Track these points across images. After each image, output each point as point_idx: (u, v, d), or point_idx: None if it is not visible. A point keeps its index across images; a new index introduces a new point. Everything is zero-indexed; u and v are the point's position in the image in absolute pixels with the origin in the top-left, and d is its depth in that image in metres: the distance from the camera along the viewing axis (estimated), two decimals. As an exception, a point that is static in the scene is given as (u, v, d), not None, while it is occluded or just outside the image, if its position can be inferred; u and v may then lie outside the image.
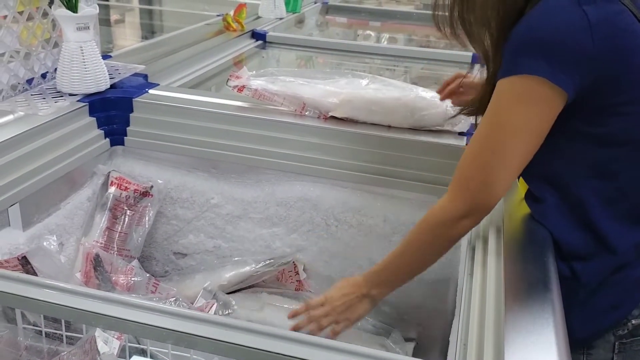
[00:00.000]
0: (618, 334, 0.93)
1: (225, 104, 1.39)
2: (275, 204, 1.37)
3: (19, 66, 1.34)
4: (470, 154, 0.90)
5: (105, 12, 2.92)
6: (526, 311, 0.76)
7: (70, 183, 1.30)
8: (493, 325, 0.75)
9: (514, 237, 0.92)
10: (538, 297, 0.79)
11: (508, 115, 0.84)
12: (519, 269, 0.85)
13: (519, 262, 0.86)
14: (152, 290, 1.25)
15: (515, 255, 0.87)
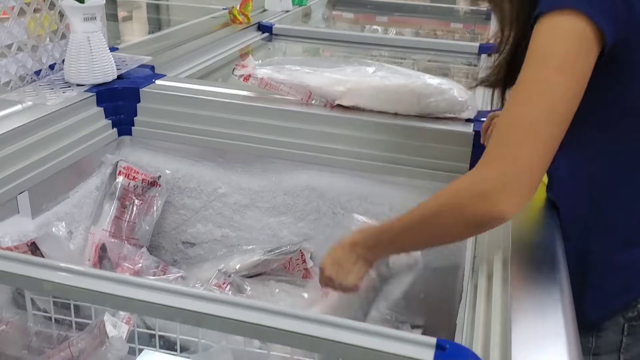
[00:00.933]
0: (628, 316, 0.92)
1: (231, 94, 1.39)
2: (282, 193, 1.37)
3: (26, 57, 1.35)
4: (509, 110, 0.79)
5: (113, 8, 2.93)
6: (533, 292, 0.76)
7: (78, 172, 1.31)
8: (500, 306, 0.75)
9: (521, 220, 0.92)
10: (545, 278, 0.79)
11: (551, 52, 0.76)
12: (526, 251, 0.85)
13: (526, 244, 0.86)
14: (161, 274, 1.26)
15: (522, 237, 0.87)
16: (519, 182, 0.74)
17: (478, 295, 0.80)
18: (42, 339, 0.98)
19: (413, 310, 1.36)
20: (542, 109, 0.75)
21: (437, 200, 0.83)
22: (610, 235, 0.90)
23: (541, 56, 0.77)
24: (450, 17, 3.21)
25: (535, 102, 0.75)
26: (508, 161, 0.75)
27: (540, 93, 0.75)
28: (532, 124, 0.75)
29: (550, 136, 0.75)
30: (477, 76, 1.88)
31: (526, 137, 0.75)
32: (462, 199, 0.78)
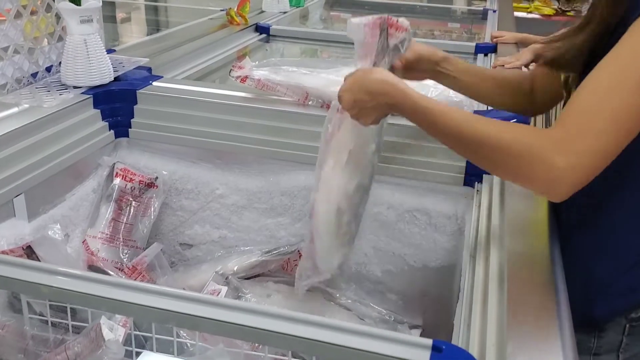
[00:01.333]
0: (630, 317, 0.92)
1: (228, 95, 1.39)
2: (279, 193, 1.37)
3: (23, 59, 1.35)
4: (598, 91, 0.76)
5: (112, 10, 2.93)
6: (529, 292, 0.76)
7: (75, 175, 1.31)
8: (496, 307, 0.75)
9: (519, 219, 0.92)
10: (542, 278, 0.79)
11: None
12: (523, 251, 0.85)
13: (523, 244, 0.85)
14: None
15: (519, 237, 0.87)
16: (591, 166, 0.75)
17: (474, 295, 0.80)
18: (39, 342, 0.97)
19: (412, 311, 1.36)
20: (635, 101, 0.73)
21: (501, 135, 0.79)
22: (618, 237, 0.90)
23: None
24: (447, 17, 3.21)
25: (630, 94, 0.73)
26: (589, 144, 0.74)
27: (632, 92, 0.74)
28: (621, 116, 0.74)
29: (633, 132, 0.75)
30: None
31: (612, 126, 0.74)
32: (529, 157, 0.76)
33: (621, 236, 0.90)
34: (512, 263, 0.81)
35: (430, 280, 1.30)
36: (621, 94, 0.74)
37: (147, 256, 1.24)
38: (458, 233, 1.25)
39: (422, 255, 1.30)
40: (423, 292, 1.33)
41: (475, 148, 0.82)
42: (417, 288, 1.33)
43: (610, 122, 0.74)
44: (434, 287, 1.31)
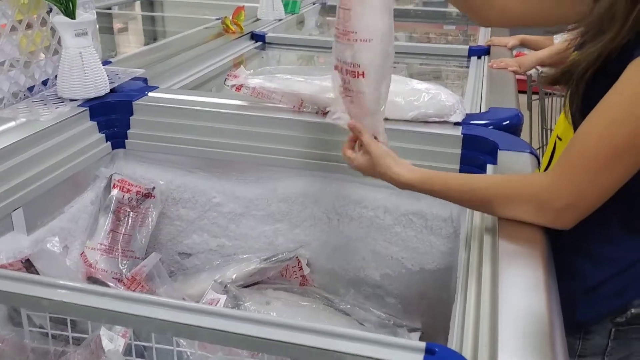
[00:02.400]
0: (616, 321, 0.93)
1: (224, 103, 1.40)
2: (277, 200, 1.38)
3: (19, 74, 1.36)
4: (596, 129, 0.80)
5: (109, 21, 2.94)
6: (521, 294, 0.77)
7: (73, 187, 1.32)
8: (489, 309, 0.75)
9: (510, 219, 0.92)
10: (533, 280, 0.79)
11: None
12: (515, 253, 0.85)
13: (516, 247, 0.86)
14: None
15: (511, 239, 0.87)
16: (586, 207, 0.82)
17: (468, 297, 0.81)
18: (39, 355, 0.98)
19: (411, 314, 1.37)
20: (631, 146, 0.77)
21: (507, 191, 0.87)
22: (607, 242, 0.91)
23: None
24: (443, 20, 3.22)
25: (627, 139, 0.77)
26: (584, 189, 0.81)
27: (636, 135, 0.77)
28: (617, 160, 0.79)
29: (628, 174, 0.80)
30: (466, 75, 1.89)
31: (608, 169, 0.79)
32: (532, 208, 0.84)
33: (610, 242, 0.91)
34: (505, 264, 0.82)
35: (428, 283, 1.31)
36: (620, 135, 0.77)
37: (146, 266, 1.25)
38: (454, 235, 1.26)
39: (419, 258, 1.30)
40: (421, 295, 1.34)
41: (485, 209, 0.91)
42: (416, 291, 1.34)
43: (606, 164, 0.79)
44: (432, 290, 1.32)
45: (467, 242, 0.95)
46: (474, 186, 0.90)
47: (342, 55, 1.00)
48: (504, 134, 1.22)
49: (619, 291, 0.91)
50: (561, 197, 0.81)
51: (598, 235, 0.90)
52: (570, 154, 0.83)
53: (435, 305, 1.32)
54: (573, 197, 0.81)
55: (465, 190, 0.91)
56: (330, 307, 1.35)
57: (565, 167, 0.82)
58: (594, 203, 0.82)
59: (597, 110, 0.81)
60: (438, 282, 1.30)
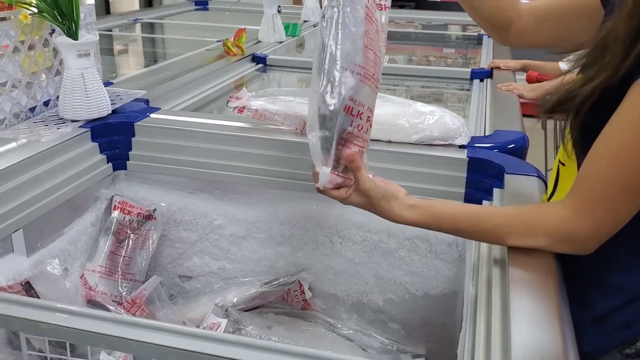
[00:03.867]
0: (625, 352, 0.90)
1: (226, 125, 1.40)
2: (278, 223, 1.36)
3: (21, 94, 1.35)
4: (604, 164, 0.79)
5: (109, 43, 2.95)
6: (533, 322, 0.75)
7: (73, 208, 1.31)
8: (500, 337, 0.74)
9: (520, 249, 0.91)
10: (545, 308, 0.78)
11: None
12: (526, 279, 0.84)
13: (526, 273, 0.84)
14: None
15: (521, 266, 0.86)
16: (607, 233, 0.82)
17: (477, 326, 0.79)
18: (38, 379, 0.96)
19: (414, 340, 1.35)
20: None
21: (523, 227, 0.86)
22: (616, 270, 0.90)
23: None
24: (442, 43, 3.24)
25: (636, 161, 0.77)
26: (603, 218, 0.80)
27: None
28: (632, 185, 0.78)
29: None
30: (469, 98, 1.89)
31: (624, 195, 0.79)
32: (552, 241, 0.84)
33: (619, 270, 0.89)
34: (515, 292, 0.81)
35: (432, 309, 1.29)
36: (631, 160, 0.77)
37: (146, 289, 1.24)
38: (459, 260, 1.24)
39: (423, 283, 1.29)
40: (425, 320, 1.32)
41: (500, 243, 0.89)
42: (419, 316, 1.32)
43: (622, 190, 0.78)
44: (437, 315, 1.30)
45: (474, 270, 0.93)
46: (487, 226, 0.88)
47: (368, 100, 0.92)
48: (509, 157, 1.21)
49: (628, 321, 0.89)
50: (583, 229, 0.82)
51: (607, 262, 0.89)
52: (584, 185, 0.82)
53: (439, 331, 1.30)
54: (594, 228, 0.81)
55: (477, 231, 0.89)
56: (332, 332, 1.33)
57: (581, 198, 0.82)
58: (615, 228, 0.82)
59: (603, 137, 0.80)
60: (443, 307, 1.28)
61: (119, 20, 3.23)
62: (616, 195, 0.79)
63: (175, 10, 3.70)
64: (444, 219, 0.91)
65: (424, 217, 0.92)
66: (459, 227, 0.91)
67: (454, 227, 0.91)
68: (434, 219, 0.91)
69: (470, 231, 0.90)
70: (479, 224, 0.89)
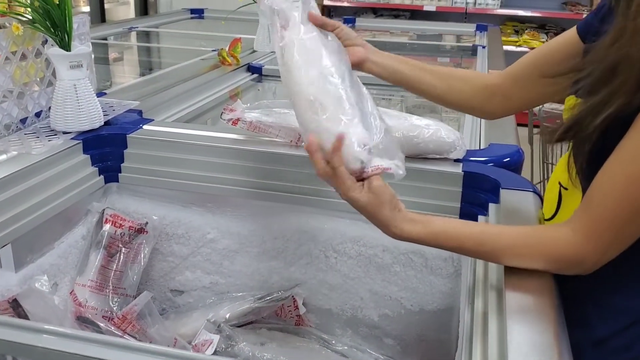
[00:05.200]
0: None
1: (219, 137, 1.38)
2: (272, 237, 1.35)
3: (12, 106, 1.34)
4: (612, 193, 0.79)
5: (104, 51, 2.94)
6: (530, 343, 0.74)
7: (64, 222, 1.29)
8: (497, 357, 0.73)
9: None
10: (543, 327, 0.77)
11: None
12: (523, 298, 0.82)
13: (523, 292, 0.83)
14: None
15: (518, 285, 0.85)
16: (611, 257, 0.82)
17: (474, 344, 0.78)
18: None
19: (409, 356, 1.33)
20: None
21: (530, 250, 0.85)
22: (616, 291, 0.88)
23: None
24: (437, 53, 3.24)
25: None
26: (610, 244, 0.80)
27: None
28: (638, 210, 0.77)
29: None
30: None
31: (632, 221, 0.78)
32: (557, 265, 0.84)
33: (620, 292, 0.88)
34: (512, 309, 0.79)
35: (427, 324, 1.27)
36: (638, 191, 0.76)
37: (137, 305, 1.22)
38: (455, 275, 1.23)
39: (419, 299, 1.27)
40: (421, 336, 1.30)
41: (500, 262, 0.88)
42: (415, 332, 1.30)
43: (631, 218, 0.78)
44: (432, 331, 1.29)
45: (470, 290, 0.92)
46: (493, 247, 0.86)
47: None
48: (505, 172, 1.20)
49: (628, 344, 0.88)
50: (590, 255, 0.82)
51: (608, 283, 0.88)
52: (592, 214, 0.81)
53: (435, 347, 1.29)
54: (600, 254, 0.81)
55: (481, 251, 0.88)
56: (326, 348, 1.31)
57: (590, 224, 0.81)
58: (619, 252, 0.82)
59: (612, 164, 0.79)
60: (438, 323, 1.26)
61: (115, 29, 3.22)
62: (623, 224, 0.79)
63: (171, 18, 3.69)
64: (445, 237, 0.88)
65: (425, 233, 0.89)
66: (463, 247, 0.88)
67: (458, 246, 0.89)
68: (434, 236, 0.89)
69: (474, 251, 0.88)
70: (484, 244, 0.87)
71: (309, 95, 0.93)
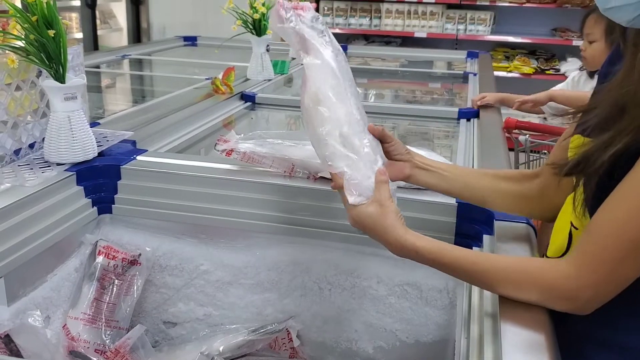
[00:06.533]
0: None
1: (213, 168, 1.38)
2: (266, 268, 1.34)
3: (6, 137, 1.34)
4: (611, 229, 0.79)
5: (97, 79, 2.95)
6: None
7: (57, 254, 1.28)
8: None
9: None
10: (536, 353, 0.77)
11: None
12: (516, 325, 0.82)
13: (518, 325, 0.83)
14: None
15: (513, 311, 0.85)
16: (609, 295, 0.81)
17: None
18: None
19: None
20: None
21: (525, 277, 0.85)
22: (608, 324, 0.88)
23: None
24: (428, 79, 3.28)
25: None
26: (607, 280, 0.80)
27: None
28: (637, 247, 0.77)
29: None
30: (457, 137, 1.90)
31: (630, 258, 0.78)
32: (550, 296, 0.83)
33: (616, 328, 0.88)
34: (507, 342, 0.79)
35: (423, 356, 1.27)
36: (636, 228, 0.77)
37: (130, 338, 1.20)
38: (450, 307, 1.23)
39: (414, 330, 1.27)
40: (416, 368, 1.29)
41: (494, 288, 0.88)
42: (410, 364, 1.29)
43: (629, 254, 0.78)
44: (427, 363, 1.28)
45: (465, 323, 0.92)
46: (486, 266, 0.87)
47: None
48: (498, 203, 1.20)
49: None
50: (584, 289, 0.81)
51: (604, 320, 0.88)
52: (590, 246, 0.81)
53: (430, 379, 1.28)
54: (595, 289, 0.81)
55: (477, 270, 0.87)
56: (321, 380, 1.30)
57: (586, 260, 0.81)
58: (615, 291, 0.81)
59: (612, 202, 0.80)
60: (434, 355, 1.26)
61: (108, 56, 3.23)
62: (621, 260, 0.79)
63: (164, 46, 3.72)
64: (442, 254, 0.89)
65: (425, 245, 0.90)
66: (458, 263, 0.88)
67: (454, 261, 0.88)
68: (435, 250, 0.90)
69: (471, 269, 0.87)
70: (477, 263, 0.87)
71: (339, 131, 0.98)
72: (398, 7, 5.14)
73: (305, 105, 1.01)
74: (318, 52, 1.02)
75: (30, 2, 1.25)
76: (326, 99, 0.99)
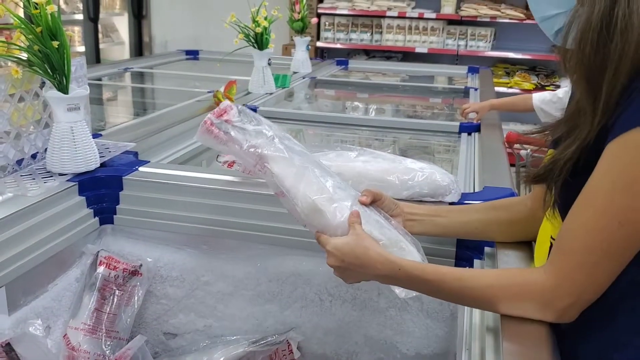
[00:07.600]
0: None
1: (215, 179, 1.39)
2: (267, 279, 1.34)
3: (8, 147, 1.34)
4: (581, 231, 0.80)
5: (98, 92, 2.97)
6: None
7: (58, 264, 1.28)
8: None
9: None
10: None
11: (633, 178, 0.75)
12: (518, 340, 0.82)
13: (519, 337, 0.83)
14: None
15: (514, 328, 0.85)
16: (588, 300, 0.81)
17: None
18: None
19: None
20: (623, 235, 0.77)
21: (507, 291, 0.85)
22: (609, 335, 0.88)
23: (626, 181, 0.76)
24: (429, 93, 3.29)
25: (617, 229, 0.77)
26: (584, 284, 0.80)
27: (623, 225, 0.77)
28: (611, 250, 0.78)
29: (624, 261, 0.79)
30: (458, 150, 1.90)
31: (603, 261, 0.79)
32: (532, 306, 0.83)
33: (615, 346, 0.88)
34: (509, 351, 0.79)
35: (423, 369, 1.26)
36: (608, 227, 0.77)
37: (130, 349, 1.20)
38: (451, 319, 1.23)
39: (415, 343, 1.26)
40: (416, 380, 1.29)
41: (478, 304, 0.90)
42: (410, 377, 1.29)
43: (601, 257, 0.79)
44: (428, 376, 1.27)
45: (466, 340, 0.91)
46: (472, 284, 0.87)
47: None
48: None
49: None
50: (563, 297, 0.81)
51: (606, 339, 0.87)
52: (564, 251, 0.82)
53: (430, 392, 1.27)
54: (575, 295, 0.81)
55: (462, 286, 0.88)
56: (321, 393, 1.29)
57: (561, 265, 0.82)
58: (595, 295, 0.81)
59: (579, 203, 0.81)
60: (434, 368, 1.25)
61: (110, 69, 3.25)
62: (596, 262, 0.79)
63: (166, 59, 3.74)
64: (424, 271, 0.90)
65: (409, 262, 0.92)
66: (443, 280, 0.88)
67: (439, 278, 0.89)
68: (417, 268, 0.91)
69: (457, 286, 0.88)
70: (463, 279, 0.88)
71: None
72: (399, 22, 5.17)
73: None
74: (271, 159, 1.12)
75: (34, 13, 1.26)
76: (290, 188, 1.05)
